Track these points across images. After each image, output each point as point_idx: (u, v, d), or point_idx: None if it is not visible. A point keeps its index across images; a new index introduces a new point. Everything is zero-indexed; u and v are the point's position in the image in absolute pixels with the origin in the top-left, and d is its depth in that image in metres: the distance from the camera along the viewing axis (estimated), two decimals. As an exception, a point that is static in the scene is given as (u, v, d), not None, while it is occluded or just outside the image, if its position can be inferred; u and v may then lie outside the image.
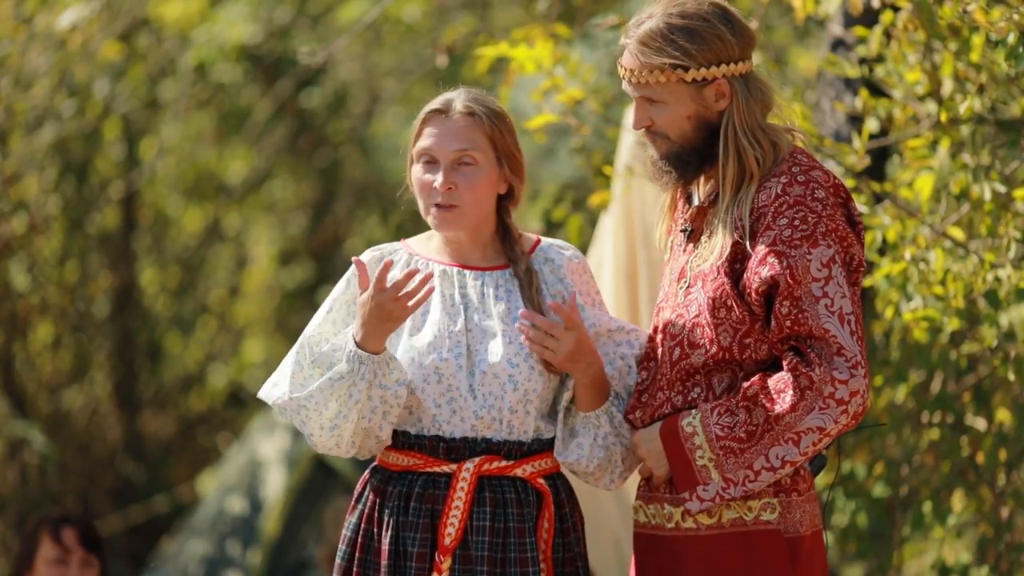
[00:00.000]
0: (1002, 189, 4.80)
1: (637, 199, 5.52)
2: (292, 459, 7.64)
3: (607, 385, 4.09)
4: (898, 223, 4.92)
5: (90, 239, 9.16)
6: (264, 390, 4.12)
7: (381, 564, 4.01)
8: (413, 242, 4.19)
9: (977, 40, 4.81)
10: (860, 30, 5.13)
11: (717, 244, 3.94)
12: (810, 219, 3.87)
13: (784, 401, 3.85)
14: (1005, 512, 5.32)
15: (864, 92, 5.09)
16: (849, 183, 4.94)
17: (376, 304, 3.93)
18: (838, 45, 5.48)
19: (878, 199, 5.06)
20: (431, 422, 4.03)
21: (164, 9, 9.02)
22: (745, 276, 3.91)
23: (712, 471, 3.93)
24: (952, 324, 4.91)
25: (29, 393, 8.72)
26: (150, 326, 10.06)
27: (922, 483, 5.50)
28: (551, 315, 4.06)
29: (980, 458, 5.30)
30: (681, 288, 4.04)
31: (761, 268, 3.87)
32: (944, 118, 4.89)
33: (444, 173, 4.02)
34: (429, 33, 9.43)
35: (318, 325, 4.11)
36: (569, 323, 3.98)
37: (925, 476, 5.49)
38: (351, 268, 4.12)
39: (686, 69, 3.93)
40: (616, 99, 5.78)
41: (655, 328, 4.11)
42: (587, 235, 6.19)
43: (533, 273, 4.12)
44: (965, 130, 4.94)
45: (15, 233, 8.04)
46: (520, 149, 4.13)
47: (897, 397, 5.42)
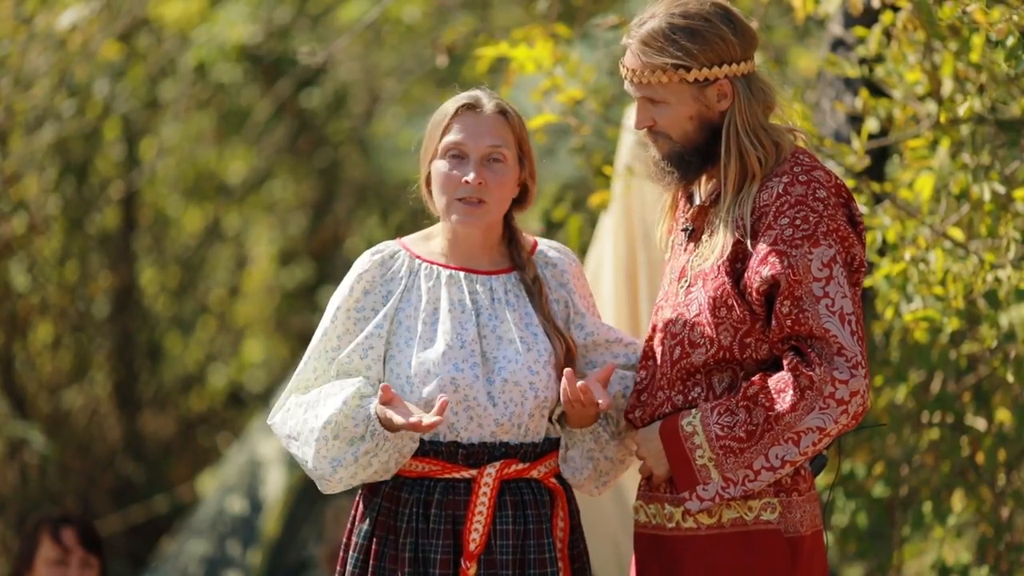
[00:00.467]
0: (1002, 189, 4.80)
1: (637, 199, 5.52)
2: (292, 459, 7.62)
3: (598, 416, 4.11)
4: (898, 223, 4.92)
5: (90, 239, 9.15)
6: (277, 428, 4.08)
7: (400, 572, 3.99)
8: (410, 242, 4.16)
9: (977, 40, 4.81)
10: (860, 30, 5.13)
11: (718, 243, 3.94)
12: (811, 219, 3.87)
13: (784, 401, 3.85)
14: (1005, 512, 5.31)
15: (864, 92, 5.09)
16: (849, 183, 4.94)
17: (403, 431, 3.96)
18: (838, 45, 5.48)
19: (878, 199, 5.06)
20: (448, 429, 4.01)
21: (164, 9, 9.02)
22: (746, 275, 3.91)
23: (712, 471, 3.93)
24: (952, 324, 4.91)
25: (29, 393, 8.72)
26: (150, 326, 10.05)
27: (922, 483, 5.50)
28: (556, 315, 4.08)
29: (980, 458, 5.30)
30: (682, 287, 4.04)
31: (762, 267, 3.87)
32: (944, 118, 4.89)
33: (475, 167, 4.01)
34: (429, 33, 9.42)
35: (324, 336, 4.08)
36: (592, 405, 4.00)
37: (925, 476, 5.49)
38: (351, 274, 4.10)
39: (688, 69, 3.93)
40: (616, 99, 5.78)
41: (654, 327, 4.11)
42: (587, 235, 6.18)
43: (540, 281, 4.12)
44: (965, 130, 4.94)
45: (15, 233, 8.04)
46: (533, 151, 4.14)
47: (897, 397, 5.42)
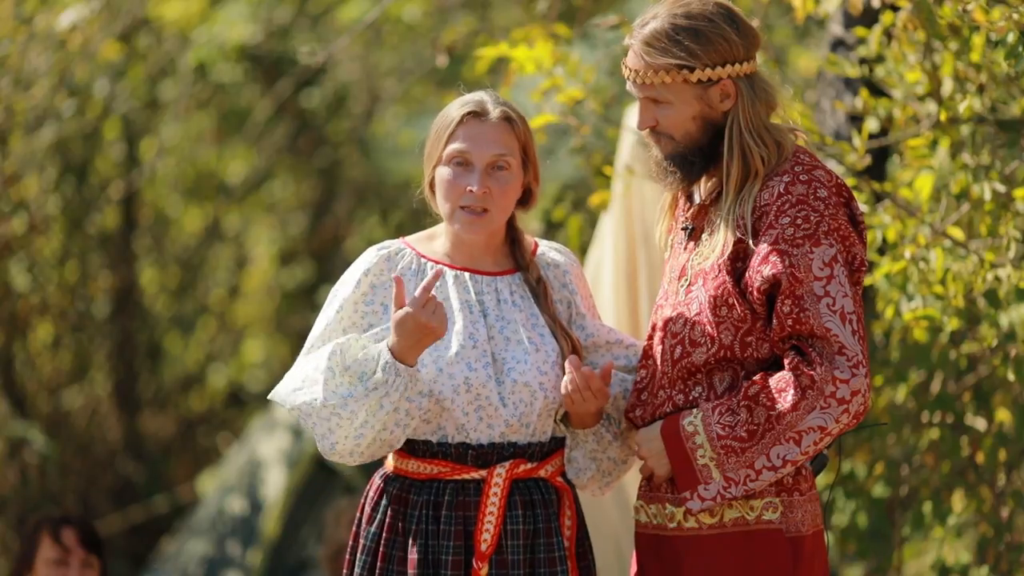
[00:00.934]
0: (1002, 189, 4.80)
1: (637, 199, 5.52)
2: (292, 459, 7.64)
3: (601, 416, 4.11)
4: (898, 222, 4.92)
5: (90, 239, 9.15)
6: (281, 393, 4.01)
7: (409, 574, 3.98)
8: (413, 241, 4.16)
9: (977, 40, 4.81)
10: (860, 30, 5.13)
11: (719, 242, 3.94)
12: (812, 218, 3.87)
13: (785, 400, 3.85)
14: (1005, 512, 5.31)
15: (864, 92, 5.09)
16: (850, 182, 4.94)
17: (416, 323, 3.87)
18: (838, 45, 5.48)
19: (878, 198, 5.07)
20: (456, 430, 4.01)
21: (164, 9, 9.01)
22: (747, 274, 3.91)
23: (713, 470, 3.93)
24: (952, 324, 4.91)
25: (29, 393, 8.71)
26: (150, 326, 10.05)
27: (922, 483, 5.50)
28: (560, 315, 4.07)
29: (980, 458, 5.30)
30: (682, 286, 4.04)
31: (763, 267, 3.87)
32: (944, 118, 4.89)
33: (480, 177, 3.99)
34: (429, 33, 9.41)
35: (327, 327, 4.06)
36: (600, 393, 4.00)
37: (925, 476, 5.49)
38: (357, 268, 4.09)
39: (691, 70, 3.92)
40: (616, 99, 5.78)
41: (654, 326, 4.11)
42: (587, 235, 6.18)
43: (544, 282, 4.12)
44: (965, 130, 4.94)
45: (15, 233, 8.04)
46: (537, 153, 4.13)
47: (897, 397, 5.42)
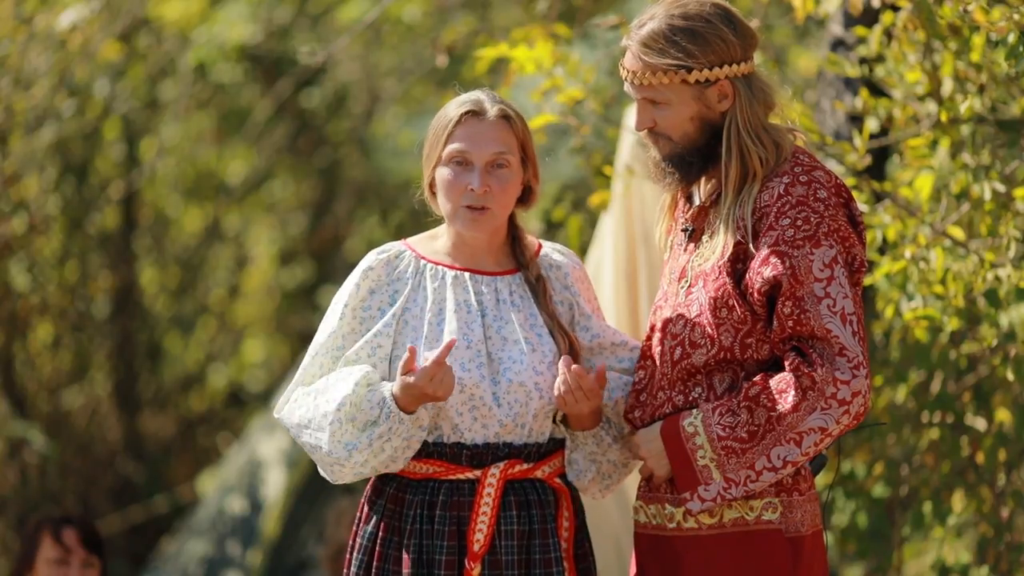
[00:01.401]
0: (1002, 189, 4.80)
1: (637, 199, 5.52)
2: (292, 459, 7.64)
3: (599, 418, 4.11)
4: (898, 222, 4.92)
5: (90, 239, 9.14)
6: (287, 421, 4.06)
7: (403, 573, 3.99)
8: (415, 242, 4.17)
9: (977, 40, 4.81)
10: (860, 30, 5.13)
11: (719, 244, 3.94)
12: (812, 219, 3.87)
13: (786, 401, 3.85)
14: (1005, 512, 5.31)
15: (864, 92, 5.09)
16: (850, 182, 4.94)
17: (423, 394, 3.92)
18: (838, 45, 5.48)
19: (878, 198, 5.07)
20: (452, 430, 4.01)
21: (164, 9, 9.01)
22: (747, 276, 3.91)
23: (713, 471, 3.93)
24: (952, 324, 4.91)
25: (29, 393, 8.71)
26: (150, 326, 10.05)
27: (922, 483, 5.50)
28: (560, 316, 4.07)
29: (980, 458, 5.30)
30: (682, 288, 4.03)
31: (763, 268, 3.87)
32: (944, 118, 4.89)
33: (480, 175, 4.00)
34: (429, 33, 9.41)
35: (331, 335, 4.07)
36: (591, 393, 4.00)
37: (925, 476, 5.49)
38: (356, 273, 4.10)
39: (689, 70, 3.92)
40: (616, 99, 5.78)
41: (653, 327, 4.11)
42: (587, 235, 6.17)
43: (544, 280, 4.12)
44: (965, 130, 4.94)
45: (15, 233, 8.03)
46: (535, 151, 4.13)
47: (897, 397, 5.42)
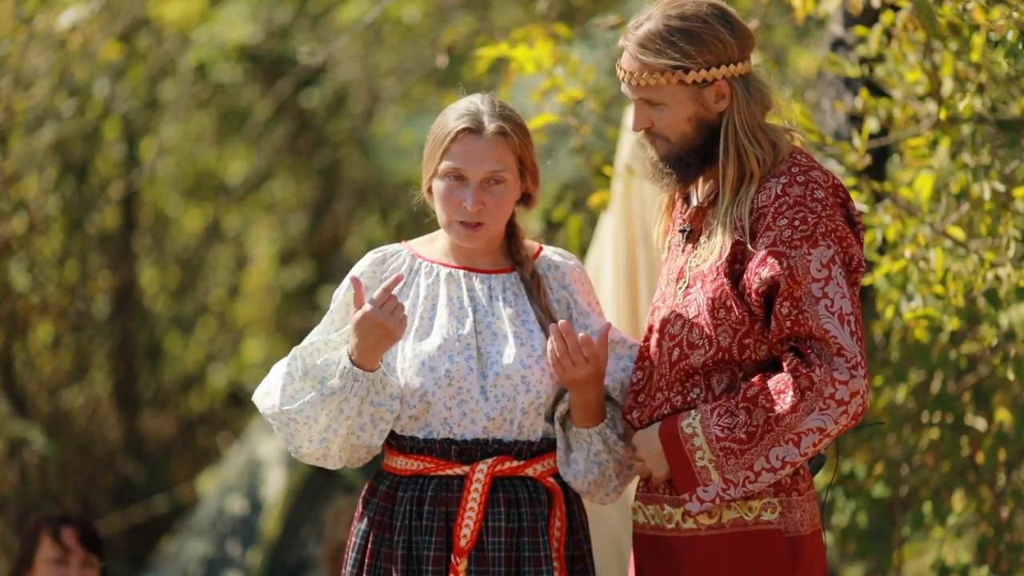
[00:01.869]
0: (1002, 188, 4.80)
1: (637, 199, 5.51)
2: (292, 459, 7.63)
3: (603, 409, 4.09)
4: (898, 222, 4.92)
5: (90, 239, 9.14)
6: (257, 396, 4.09)
7: (394, 569, 3.99)
8: (416, 244, 4.18)
9: (977, 39, 4.81)
10: (860, 30, 5.12)
11: (716, 244, 3.94)
12: (810, 219, 3.86)
13: (784, 402, 3.85)
14: (1005, 512, 5.31)
15: (864, 92, 5.09)
16: (849, 182, 4.94)
17: (374, 322, 3.90)
18: (838, 45, 5.48)
19: (878, 198, 5.06)
20: (441, 425, 4.01)
21: (164, 9, 9.01)
22: (745, 277, 3.91)
23: (712, 472, 3.93)
24: (952, 324, 4.91)
25: (29, 393, 8.71)
26: (150, 326, 10.05)
27: (922, 483, 5.50)
28: (556, 313, 4.06)
29: (980, 458, 5.29)
30: (680, 288, 4.03)
31: (761, 269, 3.87)
32: (944, 117, 4.89)
33: (475, 193, 4.00)
34: (429, 33, 9.41)
35: (318, 331, 4.09)
36: (594, 356, 3.99)
37: (925, 476, 5.49)
38: (354, 270, 4.11)
39: (686, 71, 3.92)
40: (616, 99, 5.77)
41: (650, 328, 4.10)
42: (587, 235, 6.17)
43: (539, 277, 4.12)
44: (965, 130, 4.94)
45: (15, 233, 8.03)
46: (536, 157, 4.11)
47: (897, 397, 5.42)
